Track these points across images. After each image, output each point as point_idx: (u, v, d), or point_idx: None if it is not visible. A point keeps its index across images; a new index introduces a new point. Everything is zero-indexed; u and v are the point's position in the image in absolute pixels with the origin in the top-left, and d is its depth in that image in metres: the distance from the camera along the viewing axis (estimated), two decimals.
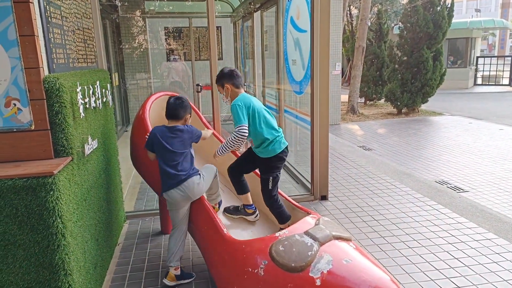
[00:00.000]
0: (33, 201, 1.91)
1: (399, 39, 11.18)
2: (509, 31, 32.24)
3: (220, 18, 9.12)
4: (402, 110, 11.25)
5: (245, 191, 2.93)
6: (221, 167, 3.25)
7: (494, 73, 19.11)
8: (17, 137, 2.03)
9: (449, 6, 10.51)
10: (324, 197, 4.29)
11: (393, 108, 11.45)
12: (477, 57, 19.28)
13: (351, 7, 18.80)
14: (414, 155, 6.51)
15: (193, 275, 2.82)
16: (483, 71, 19.37)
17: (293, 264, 2.06)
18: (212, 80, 3.95)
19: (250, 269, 2.19)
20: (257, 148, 2.82)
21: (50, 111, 2.03)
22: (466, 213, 3.84)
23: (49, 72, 2.15)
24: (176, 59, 9.22)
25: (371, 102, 13.30)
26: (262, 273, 2.13)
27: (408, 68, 10.79)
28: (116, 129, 3.70)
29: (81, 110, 2.32)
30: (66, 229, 2.00)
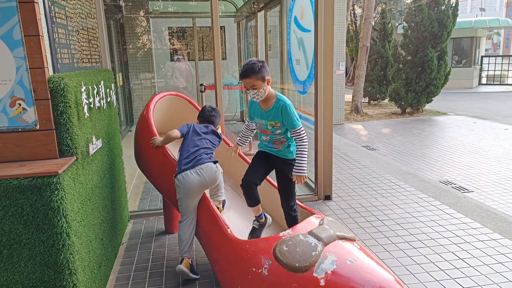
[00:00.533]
0: (38, 200, 1.92)
1: (403, 38, 11.15)
2: None
3: (223, 18, 9.13)
4: (407, 110, 11.21)
5: (258, 202, 2.73)
6: (224, 167, 3.25)
7: (499, 72, 19.02)
8: (22, 137, 2.04)
9: (453, 5, 10.47)
10: (328, 197, 4.29)
11: (397, 107, 11.41)
12: (482, 57, 19.20)
13: (355, 6, 18.77)
14: (418, 155, 6.48)
15: (198, 275, 2.83)
16: (488, 70, 19.28)
17: (297, 264, 2.06)
18: (216, 79, 3.95)
19: (254, 269, 2.18)
20: (287, 148, 2.68)
21: (55, 111, 2.04)
22: (471, 214, 3.82)
23: (54, 72, 2.16)
24: (180, 59, 9.24)
25: (375, 101, 13.27)
26: (266, 273, 2.13)
27: (412, 67, 10.75)
28: (120, 129, 3.71)
29: (86, 110, 2.33)
30: (71, 229, 2.01)
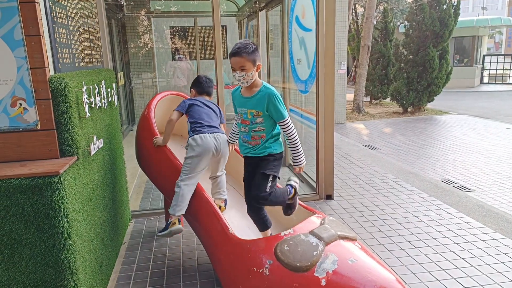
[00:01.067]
0: (39, 200, 1.92)
1: (405, 37, 11.13)
2: None
3: (225, 17, 9.12)
4: (408, 109, 11.19)
5: (269, 225, 2.59)
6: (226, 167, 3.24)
7: (501, 71, 18.97)
8: (23, 137, 2.04)
9: (455, 4, 10.45)
10: (329, 197, 4.28)
11: (399, 107, 11.40)
12: (484, 56, 19.16)
13: (356, 5, 18.73)
14: (419, 154, 6.47)
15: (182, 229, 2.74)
16: (490, 69, 19.24)
17: (298, 264, 2.06)
18: (217, 79, 3.95)
19: (255, 269, 2.18)
20: (265, 143, 2.44)
21: (55, 110, 2.04)
22: (472, 213, 3.82)
23: (55, 72, 2.16)
24: (182, 58, 9.24)
25: (377, 101, 13.25)
26: (267, 273, 2.13)
27: (414, 66, 10.73)
28: (121, 128, 3.71)
29: (87, 110, 2.33)
30: (72, 228, 2.01)
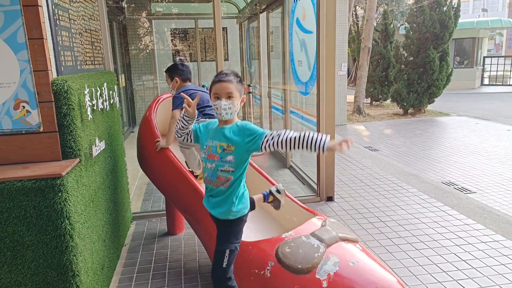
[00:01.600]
0: (41, 202, 1.93)
1: (405, 39, 11.14)
2: None
3: (226, 19, 9.14)
4: (409, 110, 11.19)
5: None
6: None
7: (502, 73, 18.97)
8: (26, 139, 2.05)
9: (455, 6, 10.46)
10: (330, 198, 4.29)
11: (399, 108, 11.40)
12: (484, 57, 19.15)
13: (356, 7, 18.76)
14: (420, 156, 6.48)
15: None
16: (490, 71, 19.23)
17: (299, 266, 2.06)
18: None
19: (256, 271, 2.19)
20: (231, 195, 1.99)
21: (58, 113, 2.05)
22: (473, 215, 3.82)
23: (57, 74, 2.17)
24: (182, 60, 9.26)
25: (377, 102, 13.26)
26: (269, 275, 2.13)
27: (414, 68, 10.74)
28: (122, 130, 3.72)
29: (89, 112, 2.34)
30: (74, 230, 2.02)
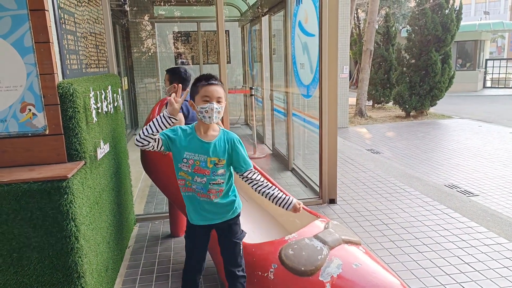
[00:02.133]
0: (47, 204, 1.94)
1: (407, 42, 11.15)
2: None
3: (228, 22, 9.18)
4: (411, 113, 11.20)
5: None
6: None
7: (504, 75, 18.95)
8: (32, 142, 2.07)
9: (457, 8, 10.48)
10: (332, 201, 4.29)
11: (402, 111, 11.41)
12: (486, 60, 19.15)
13: (358, 10, 18.80)
14: (423, 159, 6.48)
15: None
16: (493, 73, 19.22)
17: (302, 268, 2.07)
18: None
19: (260, 273, 2.20)
20: (226, 200, 2.11)
21: (64, 116, 2.07)
22: (476, 217, 3.82)
23: (63, 77, 2.19)
24: (184, 63, 9.30)
25: (379, 105, 13.27)
26: (272, 277, 2.15)
27: (416, 71, 10.75)
28: (125, 132, 3.74)
29: (94, 115, 2.36)
30: (79, 232, 2.04)
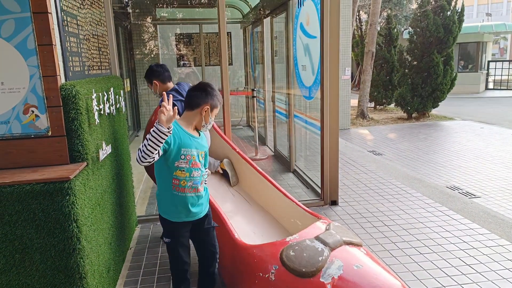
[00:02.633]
0: (50, 205, 1.96)
1: (409, 43, 11.15)
2: None
3: (230, 24, 9.20)
4: (413, 114, 11.18)
5: None
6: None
7: (506, 77, 18.91)
8: (35, 143, 2.08)
9: (459, 10, 10.46)
10: (334, 202, 4.29)
11: (403, 112, 11.39)
12: (489, 61, 19.12)
13: (360, 12, 18.80)
14: (424, 160, 6.47)
15: None
16: (495, 75, 19.17)
17: (303, 269, 2.07)
18: (223, 85, 4.00)
19: (261, 274, 2.20)
20: (205, 190, 2.36)
21: (66, 117, 2.09)
22: (478, 219, 3.81)
23: (66, 79, 2.21)
24: (186, 65, 9.32)
25: (381, 106, 13.25)
26: (273, 278, 2.15)
27: (418, 72, 10.74)
28: (127, 133, 3.76)
29: (96, 117, 2.37)
30: (81, 233, 2.05)
